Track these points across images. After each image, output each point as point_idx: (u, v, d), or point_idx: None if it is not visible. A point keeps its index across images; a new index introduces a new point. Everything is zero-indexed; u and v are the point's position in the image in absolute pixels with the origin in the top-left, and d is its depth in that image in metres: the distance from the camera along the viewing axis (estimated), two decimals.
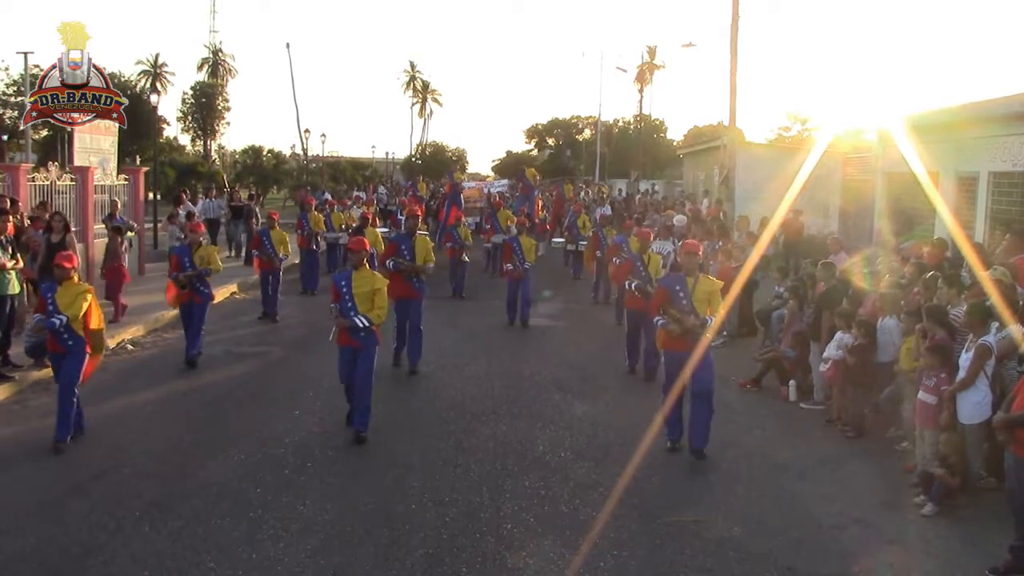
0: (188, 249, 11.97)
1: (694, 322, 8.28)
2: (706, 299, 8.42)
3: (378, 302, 8.74)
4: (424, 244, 11.91)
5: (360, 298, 8.70)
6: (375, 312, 8.69)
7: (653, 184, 44.43)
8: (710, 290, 8.49)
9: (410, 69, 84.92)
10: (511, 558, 6.20)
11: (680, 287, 8.48)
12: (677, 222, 21.22)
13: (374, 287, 8.76)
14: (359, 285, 8.75)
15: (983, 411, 7.34)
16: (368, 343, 8.76)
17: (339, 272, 9.19)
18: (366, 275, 8.85)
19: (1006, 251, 10.15)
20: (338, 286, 8.84)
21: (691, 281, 8.49)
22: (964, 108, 15.19)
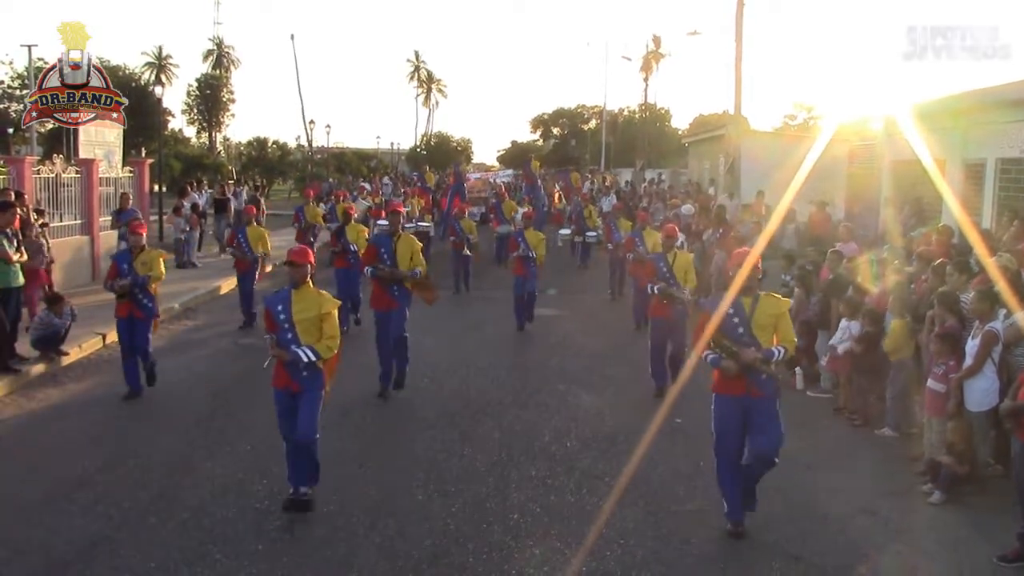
0: (129, 254, 10.17)
1: (755, 357, 6.31)
2: (771, 325, 6.47)
3: (327, 330, 6.81)
4: (408, 245, 10.14)
5: (303, 326, 6.77)
6: (323, 343, 6.77)
7: (660, 173, 44.24)
8: (776, 313, 6.48)
9: (415, 59, 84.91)
10: (517, 548, 6.20)
11: (733, 310, 6.47)
12: (685, 212, 21.15)
13: (321, 311, 6.81)
14: (301, 309, 6.79)
15: (990, 398, 7.31)
16: (311, 384, 6.81)
17: (275, 293, 7.09)
18: (310, 296, 6.85)
19: (1013, 238, 10.11)
20: (272, 312, 6.88)
21: (748, 302, 6.45)
22: (971, 95, 15.09)
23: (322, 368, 6.85)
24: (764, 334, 6.44)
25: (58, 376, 10.86)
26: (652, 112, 70.33)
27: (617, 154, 65.82)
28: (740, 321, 6.45)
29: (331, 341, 6.81)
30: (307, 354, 6.72)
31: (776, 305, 6.56)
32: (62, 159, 18.18)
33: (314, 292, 6.90)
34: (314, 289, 6.92)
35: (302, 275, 6.86)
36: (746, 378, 6.37)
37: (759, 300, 6.50)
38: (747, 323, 6.43)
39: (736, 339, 6.42)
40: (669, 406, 8.97)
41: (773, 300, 6.60)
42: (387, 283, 10.07)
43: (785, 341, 6.49)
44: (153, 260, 10.12)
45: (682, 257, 10.60)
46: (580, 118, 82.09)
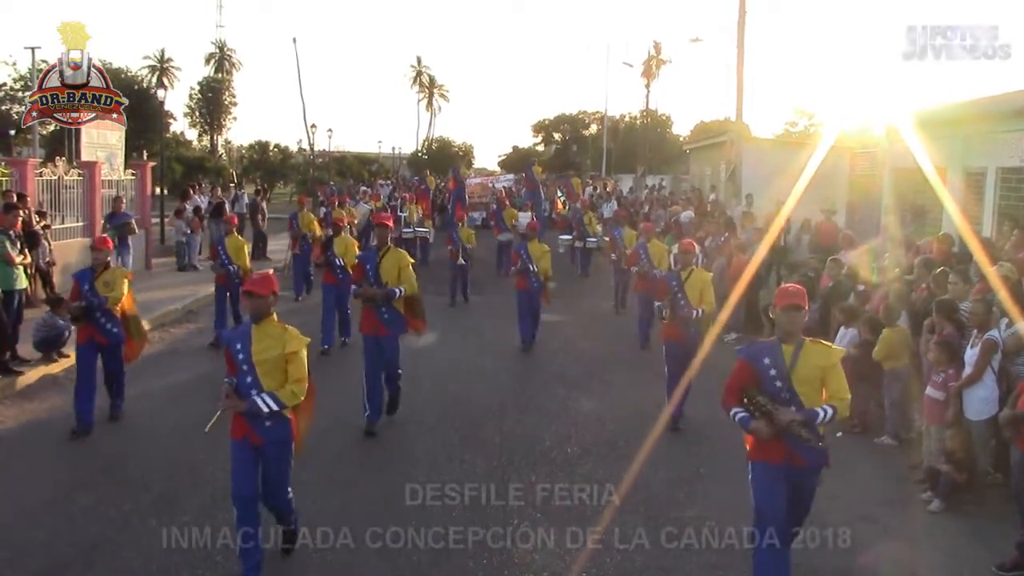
0: (90, 273, 8.96)
1: (792, 418, 5.26)
2: (817, 378, 5.39)
3: (293, 372, 5.79)
4: (395, 261, 9.00)
5: (265, 367, 5.73)
6: (288, 388, 5.74)
7: (661, 179, 44.30)
8: (825, 364, 5.40)
9: (416, 64, 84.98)
10: (517, 553, 6.22)
11: (770, 359, 5.39)
12: (684, 218, 21.16)
13: (286, 350, 5.77)
14: (263, 348, 5.76)
15: (990, 407, 7.33)
16: (276, 437, 5.81)
17: (235, 328, 6.10)
18: (273, 332, 5.82)
19: (1014, 247, 10.13)
20: (231, 350, 5.87)
21: (789, 351, 5.37)
22: (972, 104, 15.11)
23: (289, 417, 5.87)
24: (808, 389, 5.34)
25: (59, 378, 10.88)
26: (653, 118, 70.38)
27: (618, 160, 65.83)
28: (778, 373, 5.35)
29: (297, 385, 5.78)
30: (266, 403, 5.67)
31: (825, 355, 5.42)
32: (64, 161, 18.22)
33: (278, 327, 5.87)
34: (278, 324, 5.91)
35: (263, 307, 5.83)
36: (785, 443, 5.33)
37: (803, 348, 5.36)
38: (786, 376, 5.33)
39: (773, 395, 5.35)
40: (669, 413, 9.00)
41: (821, 349, 5.46)
42: (375, 305, 8.98)
43: (835, 399, 5.36)
44: (116, 279, 8.96)
45: (699, 275, 9.58)
46: (581, 124, 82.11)
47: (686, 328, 9.30)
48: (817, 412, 5.30)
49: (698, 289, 9.40)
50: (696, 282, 9.44)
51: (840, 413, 5.39)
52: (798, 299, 5.37)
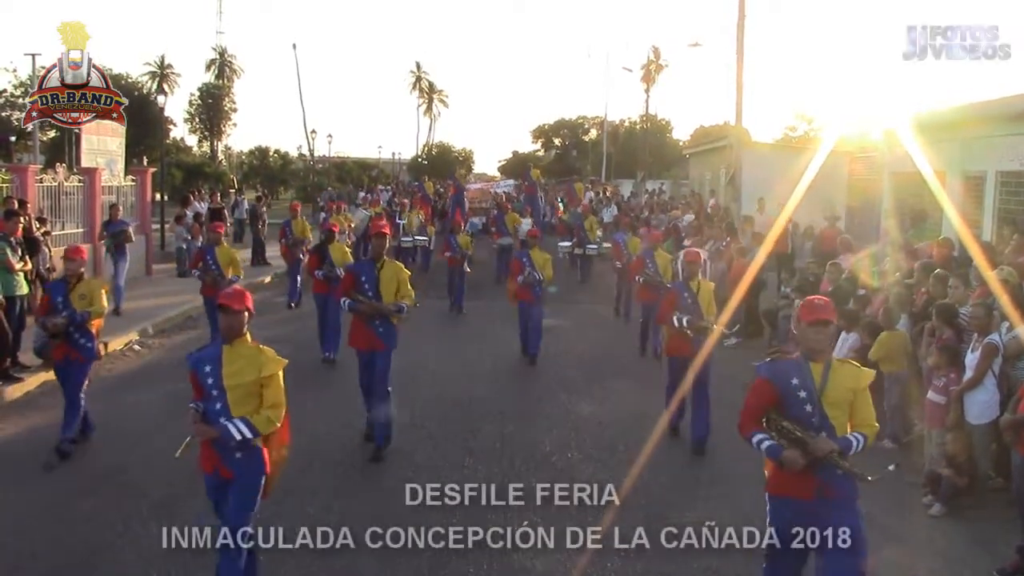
0: (64, 285, 8.39)
1: (831, 448, 4.70)
2: (847, 402, 4.86)
3: (269, 397, 5.29)
4: (394, 273, 8.59)
5: (237, 393, 5.24)
6: (262, 414, 5.25)
7: (661, 184, 44.36)
8: (855, 387, 4.85)
9: (416, 70, 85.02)
10: (517, 559, 6.22)
11: (799, 379, 4.80)
12: (686, 222, 21.17)
13: (261, 373, 5.25)
14: (236, 371, 5.24)
15: (991, 411, 7.33)
16: (247, 469, 5.33)
17: (203, 348, 5.67)
18: (247, 353, 5.30)
19: (1014, 251, 10.13)
20: (199, 374, 5.35)
21: (818, 370, 4.79)
22: (971, 107, 15.14)
23: (262, 447, 5.36)
24: (838, 414, 4.81)
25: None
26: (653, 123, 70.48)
27: (618, 165, 65.90)
28: (808, 396, 4.78)
29: (273, 411, 5.26)
30: (238, 430, 5.15)
31: (856, 377, 4.87)
32: (65, 168, 18.25)
33: (252, 348, 5.32)
34: (252, 344, 5.35)
35: (236, 325, 5.24)
36: (816, 476, 4.77)
37: (832, 368, 4.81)
38: (817, 399, 4.77)
39: (800, 420, 4.79)
40: (669, 416, 9.00)
41: (852, 370, 4.91)
42: (369, 318, 8.52)
43: (864, 426, 4.84)
44: (93, 292, 8.38)
45: (705, 287, 9.31)
46: (581, 128, 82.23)
47: (693, 341, 8.96)
48: (851, 441, 4.76)
49: (706, 300, 9.08)
50: (704, 293, 9.16)
51: (869, 442, 4.86)
52: (826, 313, 4.78)
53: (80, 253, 8.65)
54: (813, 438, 4.71)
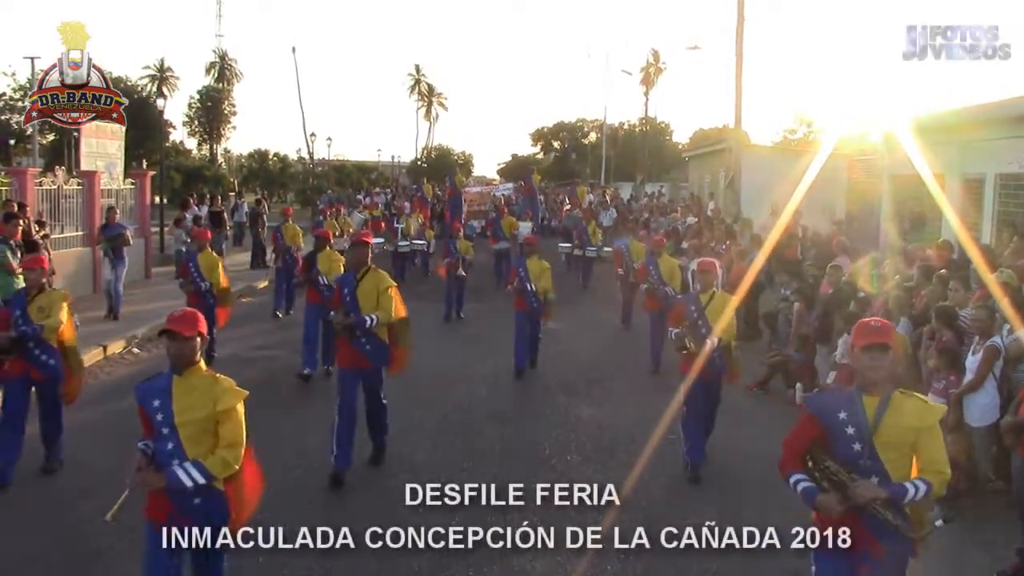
0: (23, 297, 7.79)
1: (876, 494, 4.07)
2: (908, 443, 4.14)
3: (227, 435, 4.59)
4: (374, 284, 7.88)
5: (190, 430, 4.56)
6: (219, 455, 4.56)
7: (660, 187, 44.42)
8: (919, 425, 4.14)
9: (415, 72, 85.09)
10: (517, 561, 6.22)
11: (848, 414, 4.18)
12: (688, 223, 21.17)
13: (217, 408, 4.56)
14: (188, 405, 4.57)
15: (991, 414, 7.33)
16: (207, 519, 4.69)
17: (150, 380, 4.83)
18: (201, 384, 4.62)
19: (1014, 253, 10.14)
20: (147, 408, 4.68)
21: (873, 404, 4.15)
22: (970, 110, 15.17)
23: (222, 490, 4.67)
24: (895, 456, 4.13)
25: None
26: (652, 126, 70.62)
27: (617, 168, 66.00)
28: (857, 433, 4.14)
29: (230, 452, 4.57)
30: (189, 475, 4.47)
31: (920, 412, 4.14)
32: (64, 171, 18.28)
33: (207, 378, 4.65)
34: (207, 373, 4.70)
35: (187, 352, 4.58)
36: (861, 523, 4.17)
37: (891, 402, 4.13)
38: (868, 437, 4.12)
39: (848, 460, 4.17)
40: (669, 419, 8.99)
41: (916, 405, 4.18)
42: (350, 334, 7.82)
43: (930, 471, 4.11)
44: (53, 304, 7.71)
45: (721, 299, 8.35)
46: (580, 131, 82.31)
47: (709, 361, 8.08)
48: (906, 488, 4.04)
49: (717, 314, 8.19)
50: (718, 306, 8.24)
51: (936, 491, 4.10)
52: (883, 336, 4.10)
53: (40, 263, 8.08)
54: (855, 481, 4.05)
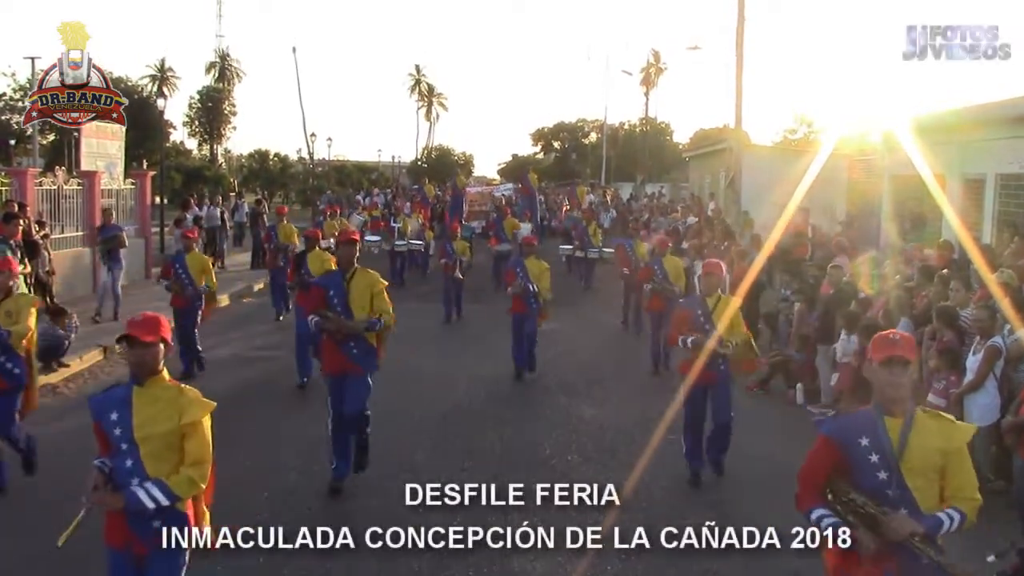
0: None
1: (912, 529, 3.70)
2: (935, 468, 3.76)
3: (193, 451, 4.26)
4: (367, 285, 7.45)
5: (151, 446, 4.16)
6: (184, 474, 4.22)
7: (661, 187, 44.43)
8: (946, 447, 3.75)
9: (416, 73, 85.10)
10: (517, 561, 6.21)
11: (870, 438, 3.76)
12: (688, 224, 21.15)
13: (182, 420, 4.20)
14: (149, 418, 4.17)
15: (991, 414, 7.33)
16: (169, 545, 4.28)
17: (108, 390, 4.45)
18: (164, 395, 4.24)
19: (1014, 254, 10.14)
20: (103, 422, 4.22)
21: (896, 427, 3.73)
22: (970, 110, 15.16)
23: (186, 513, 4.34)
24: (923, 484, 3.73)
25: (59, 387, 10.88)
26: (653, 126, 70.63)
27: (618, 168, 65.98)
28: (882, 460, 3.72)
29: (196, 469, 4.24)
30: (150, 496, 4.08)
31: (948, 433, 3.76)
32: (64, 171, 18.27)
33: (171, 389, 4.27)
34: (171, 383, 4.31)
35: (149, 360, 4.20)
36: (896, 560, 3.75)
37: (915, 424, 3.72)
38: (894, 463, 3.71)
39: (873, 490, 3.73)
40: (670, 420, 8.99)
41: (943, 425, 3.79)
42: (340, 338, 7.47)
43: (960, 498, 3.74)
44: (21, 309, 7.31)
45: (727, 303, 8.02)
46: (580, 131, 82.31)
47: (715, 366, 7.79)
48: (940, 520, 3.69)
49: (724, 318, 7.82)
50: (724, 310, 7.93)
51: (969, 520, 3.76)
52: (903, 350, 3.69)
53: (7, 265, 7.65)
54: (888, 515, 3.64)
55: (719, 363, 7.78)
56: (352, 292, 7.41)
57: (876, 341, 3.83)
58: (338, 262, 7.79)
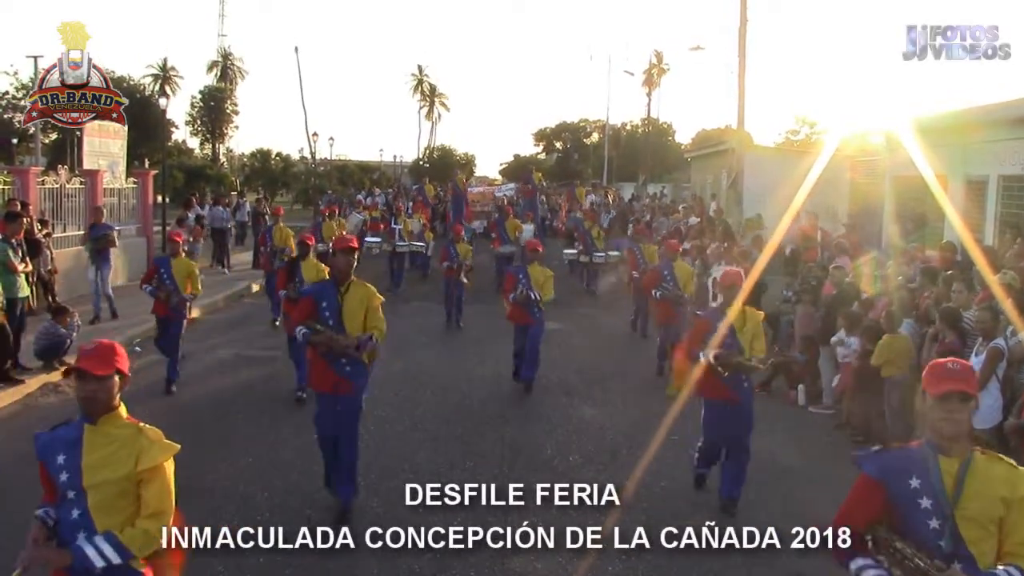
0: None
1: None
2: (994, 517, 3.28)
3: (150, 501, 3.67)
4: (362, 299, 6.89)
5: (101, 494, 3.60)
6: (139, 527, 3.63)
7: (663, 188, 44.42)
8: (1009, 496, 3.28)
9: (418, 72, 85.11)
10: (518, 562, 6.20)
11: (921, 480, 3.34)
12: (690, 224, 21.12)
13: (139, 466, 3.64)
14: (101, 462, 3.63)
15: (994, 416, 7.31)
16: None
17: (56, 428, 3.92)
18: (119, 435, 3.69)
19: (1017, 256, 10.12)
20: (49, 465, 3.78)
21: (952, 468, 3.32)
22: (972, 111, 15.14)
23: (142, 573, 3.70)
24: (979, 535, 3.28)
25: (60, 387, 10.87)
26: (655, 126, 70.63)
27: (619, 168, 65.97)
28: (934, 506, 3.28)
29: (154, 522, 3.64)
30: (100, 553, 3.51)
31: (1010, 480, 3.29)
32: (66, 170, 18.26)
33: (128, 428, 3.72)
34: (129, 421, 3.77)
35: (101, 396, 3.65)
36: None
37: (973, 466, 3.30)
38: (948, 511, 3.27)
39: (922, 539, 3.30)
40: (670, 422, 8.98)
41: (1003, 471, 3.32)
42: (332, 355, 6.85)
43: (1022, 556, 3.24)
44: None
45: (752, 319, 7.29)
46: (583, 132, 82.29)
47: (739, 385, 7.19)
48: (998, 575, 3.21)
49: (749, 334, 7.18)
50: (752, 328, 7.23)
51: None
52: (964, 382, 3.26)
53: None
54: (942, 570, 3.21)
55: (743, 381, 7.20)
56: (346, 305, 6.82)
57: (931, 372, 3.35)
58: (332, 271, 7.19)
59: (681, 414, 9.08)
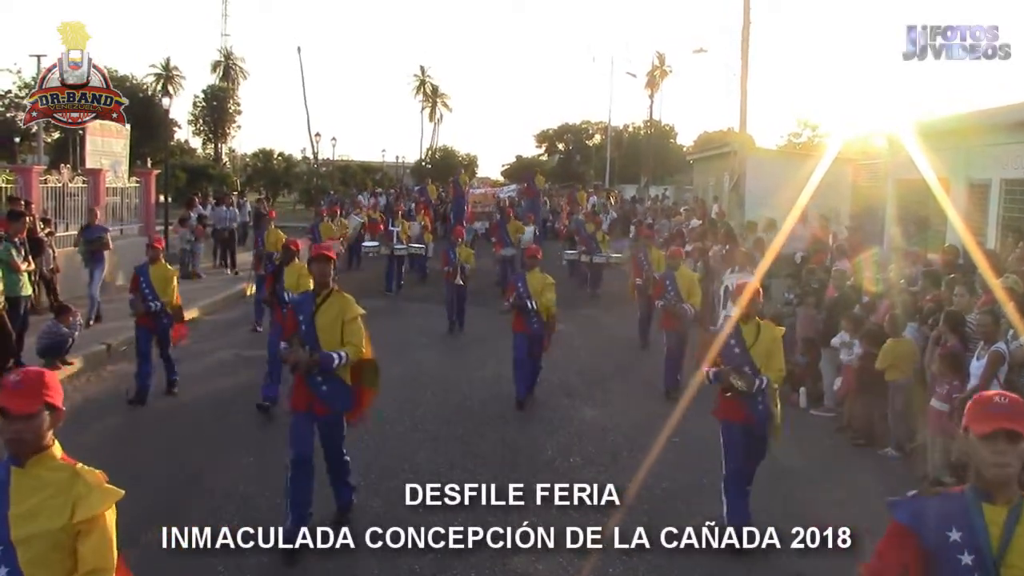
0: None
1: None
2: None
3: (88, 556, 3.13)
4: (338, 311, 6.44)
5: (33, 549, 3.05)
6: None
7: (664, 190, 44.46)
8: None
9: (420, 73, 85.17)
10: (519, 562, 6.20)
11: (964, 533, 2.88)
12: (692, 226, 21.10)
13: (76, 516, 3.11)
14: (31, 511, 3.07)
15: None
16: None
17: None
18: (53, 479, 3.15)
19: (1019, 259, 10.11)
20: None
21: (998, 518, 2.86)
22: (975, 115, 15.14)
23: None
24: None
25: (61, 386, 10.86)
26: (657, 128, 70.63)
27: (621, 170, 66.02)
28: (977, 561, 2.86)
29: None
30: None
31: None
32: (69, 169, 18.27)
33: (63, 470, 3.20)
34: (63, 461, 3.24)
35: (28, 436, 3.09)
36: None
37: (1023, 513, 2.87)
38: (991, 567, 2.85)
39: None
40: (672, 422, 8.97)
41: None
42: (306, 374, 6.42)
43: None
44: None
45: (768, 333, 6.66)
46: (585, 133, 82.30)
47: (754, 406, 6.69)
48: None
49: (766, 350, 6.59)
50: (767, 343, 6.61)
51: None
52: (1015, 420, 2.80)
53: None
54: None
55: (758, 402, 6.68)
56: (320, 319, 6.40)
57: (976, 408, 2.90)
58: (313, 279, 6.75)
59: (683, 416, 9.09)
